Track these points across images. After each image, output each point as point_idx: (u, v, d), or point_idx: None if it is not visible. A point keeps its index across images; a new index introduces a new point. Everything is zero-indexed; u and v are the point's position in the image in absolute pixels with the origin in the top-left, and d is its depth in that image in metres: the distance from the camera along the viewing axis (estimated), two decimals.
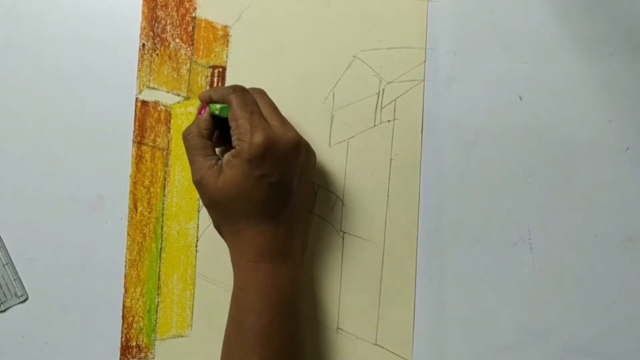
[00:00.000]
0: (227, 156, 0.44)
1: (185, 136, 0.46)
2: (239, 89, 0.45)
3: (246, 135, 0.43)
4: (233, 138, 0.44)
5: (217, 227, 0.46)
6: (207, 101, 0.47)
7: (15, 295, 0.51)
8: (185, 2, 0.52)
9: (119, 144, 0.52)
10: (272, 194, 0.43)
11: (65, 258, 0.51)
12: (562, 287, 0.51)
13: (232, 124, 0.44)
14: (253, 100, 0.45)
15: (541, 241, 0.51)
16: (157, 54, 0.52)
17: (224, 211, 0.44)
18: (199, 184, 0.44)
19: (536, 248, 0.51)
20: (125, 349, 0.51)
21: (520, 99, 0.51)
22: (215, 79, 0.52)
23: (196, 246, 0.51)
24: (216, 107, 0.46)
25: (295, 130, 0.45)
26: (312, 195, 0.49)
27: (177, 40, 0.52)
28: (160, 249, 0.51)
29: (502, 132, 0.51)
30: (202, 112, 0.46)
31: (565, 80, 0.51)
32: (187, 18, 0.52)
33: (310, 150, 0.47)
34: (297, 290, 0.46)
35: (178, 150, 0.52)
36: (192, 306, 0.51)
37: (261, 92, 0.47)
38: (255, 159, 0.42)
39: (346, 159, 0.51)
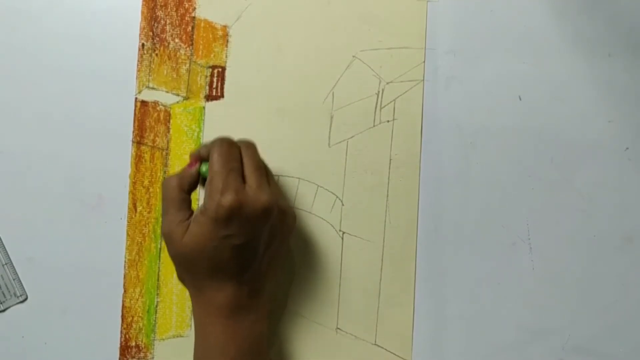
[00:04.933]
0: (196, 212, 0.43)
1: (165, 185, 0.45)
2: (225, 142, 0.44)
3: (216, 194, 0.42)
4: (205, 193, 0.43)
5: (180, 279, 0.46)
6: (197, 158, 0.46)
7: (15, 295, 0.51)
8: (185, 2, 0.52)
9: (118, 144, 0.52)
10: (235, 255, 0.43)
11: (65, 258, 0.51)
12: (561, 287, 0.51)
13: (208, 178, 0.43)
14: (236, 156, 0.44)
15: (540, 241, 0.51)
16: (156, 54, 0.52)
17: (188, 266, 0.44)
18: (167, 236, 0.44)
19: (535, 248, 0.51)
20: (125, 349, 0.51)
21: (520, 99, 0.51)
22: (215, 79, 0.52)
23: None
24: (204, 171, 0.45)
25: (270, 193, 0.43)
26: (284, 256, 0.48)
27: (176, 40, 0.52)
28: (160, 249, 0.51)
29: (502, 132, 0.51)
30: (191, 166, 0.45)
31: (565, 80, 0.51)
32: (186, 18, 0.52)
33: (287, 213, 0.46)
34: (258, 343, 0.45)
35: (177, 151, 0.52)
36: (192, 306, 0.51)
37: (249, 146, 0.45)
38: (221, 219, 0.41)
39: (345, 159, 0.51)
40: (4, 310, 0.51)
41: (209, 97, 0.52)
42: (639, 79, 0.51)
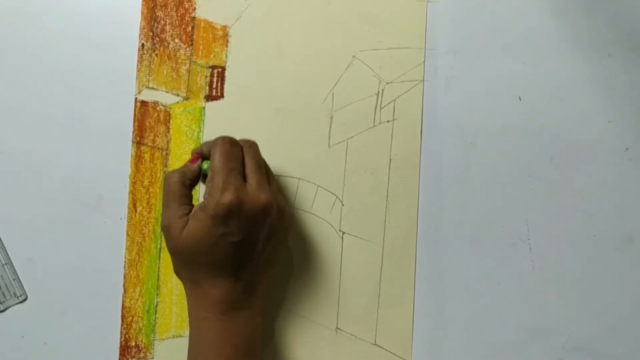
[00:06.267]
0: (195, 208, 0.44)
1: (167, 180, 0.45)
2: (227, 141, 0.44)
3: (217, 191, 0.42)
4: (205, 190, 0.43)
5: (177, 273, 0.46)
6: (199, 155, 0.46)
7: (15, 295, 0.51)
8: (185, 2, 0.52)
9: (118, 144, 0.52)
10: (233, 252, 0.43)
11: (65, 258, 0.51)
12: (561, 287, 0.51)
13: (209, 175, 0.43)
14: (238, 155, 0.44)
15: (540, 241, 0.51)
16: (156, 54, 0.52)
17: (185, 261, 0.44)
18: (166, 229, 0.44)
19: (535, 248, 0.51)
20: (125, 349, 0.51)
21: (520, 99, 0.51)
22: (215, 79, 0.52)
23: None
24: (206, 168, 0.45)
25: (270, 192, 0.44)
26: (280, 254, 0.49)
27: (176, 41, 0.52)
28: (160, 249, 0.51)
29: (502, 132, 0.51)
30: (193, 162, 0.46)
31: (565, 80, 0.51)
32: (186, 18, 0.52)
33: (286, 212, 0.46)
34: (252, 340, 0.45)
35: (177, 151, 0.52)
36: None
37: (251, 145, 0.46)
38: (220, 217, 0.42)
39: (345, 159, 0.51)
40: (4, 310, 0.51)
41: (209, 97, 0.52)
42: (638, 79, 0.51)
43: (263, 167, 0.45)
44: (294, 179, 0.51)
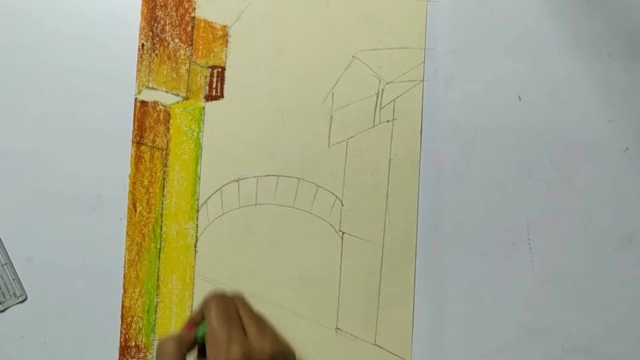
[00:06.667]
0: None
1: (161, 350, 0.43)
2: (220, 298, 0.44)
3: (222, 349, 0.41)
4: (208, 348, 0.42)
5: None
6: (193, 324, 0.45)
7: (14, 295, 0.51)
8: (185, 2, 0.52)
9: (118, 144, 0.52)
10: None
11: (65, 258, 0.51)
12: (560, 287, 0.51)
13: (209, 334, 0.42)
14: (234, 308, 0.44)
15: (540, 241, 0.51)
16: (156, 54, 0.52)
17: None
18: None
19: (535, 248, 0.51)
20: (124, 349, 0.51)
21: (520, 99, 0.51)
22: (215, 79, 0.52)
23: (195, 246, 0.51)
24: (201, 335, 0.44)
25: (272, 340, 0.43)
26: None
27: (176, 41, 0.52)
28: (160, 249, 0.51)
29: (501, 132, 0.51)
30: (189, 331, 0.44)
31: (565, 80, 0.51)
32: (186, 18, 0.52)
33: (290, 356, 0.45)
34: None
35: (177, 151, 0.52)
36: (191, 306, 0.51)
37: (240, 297, 0.46)
38: None
39: (345, 159, 0.51)
40: (3, 311, 0.51)
41: (209, 97, 0.52)
42: (638, 79, 0.51)
43: (258, 316, 0.45)
44: (294, 179, 0.51)
